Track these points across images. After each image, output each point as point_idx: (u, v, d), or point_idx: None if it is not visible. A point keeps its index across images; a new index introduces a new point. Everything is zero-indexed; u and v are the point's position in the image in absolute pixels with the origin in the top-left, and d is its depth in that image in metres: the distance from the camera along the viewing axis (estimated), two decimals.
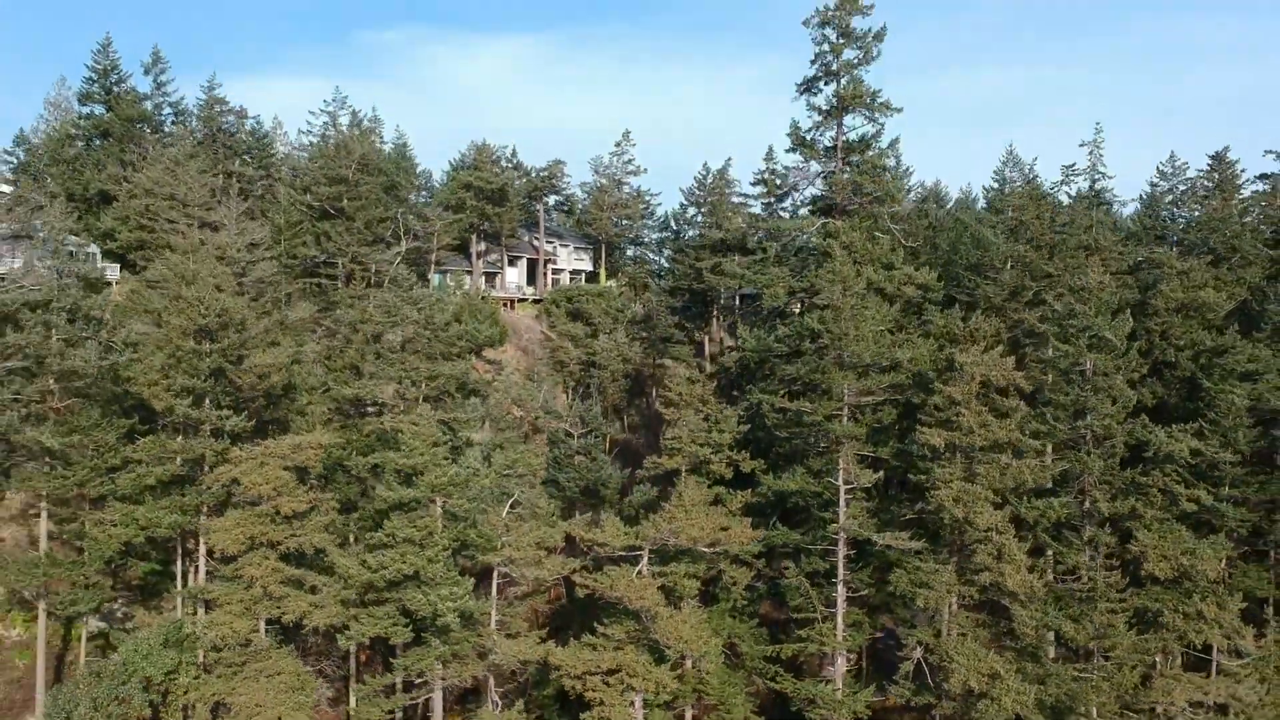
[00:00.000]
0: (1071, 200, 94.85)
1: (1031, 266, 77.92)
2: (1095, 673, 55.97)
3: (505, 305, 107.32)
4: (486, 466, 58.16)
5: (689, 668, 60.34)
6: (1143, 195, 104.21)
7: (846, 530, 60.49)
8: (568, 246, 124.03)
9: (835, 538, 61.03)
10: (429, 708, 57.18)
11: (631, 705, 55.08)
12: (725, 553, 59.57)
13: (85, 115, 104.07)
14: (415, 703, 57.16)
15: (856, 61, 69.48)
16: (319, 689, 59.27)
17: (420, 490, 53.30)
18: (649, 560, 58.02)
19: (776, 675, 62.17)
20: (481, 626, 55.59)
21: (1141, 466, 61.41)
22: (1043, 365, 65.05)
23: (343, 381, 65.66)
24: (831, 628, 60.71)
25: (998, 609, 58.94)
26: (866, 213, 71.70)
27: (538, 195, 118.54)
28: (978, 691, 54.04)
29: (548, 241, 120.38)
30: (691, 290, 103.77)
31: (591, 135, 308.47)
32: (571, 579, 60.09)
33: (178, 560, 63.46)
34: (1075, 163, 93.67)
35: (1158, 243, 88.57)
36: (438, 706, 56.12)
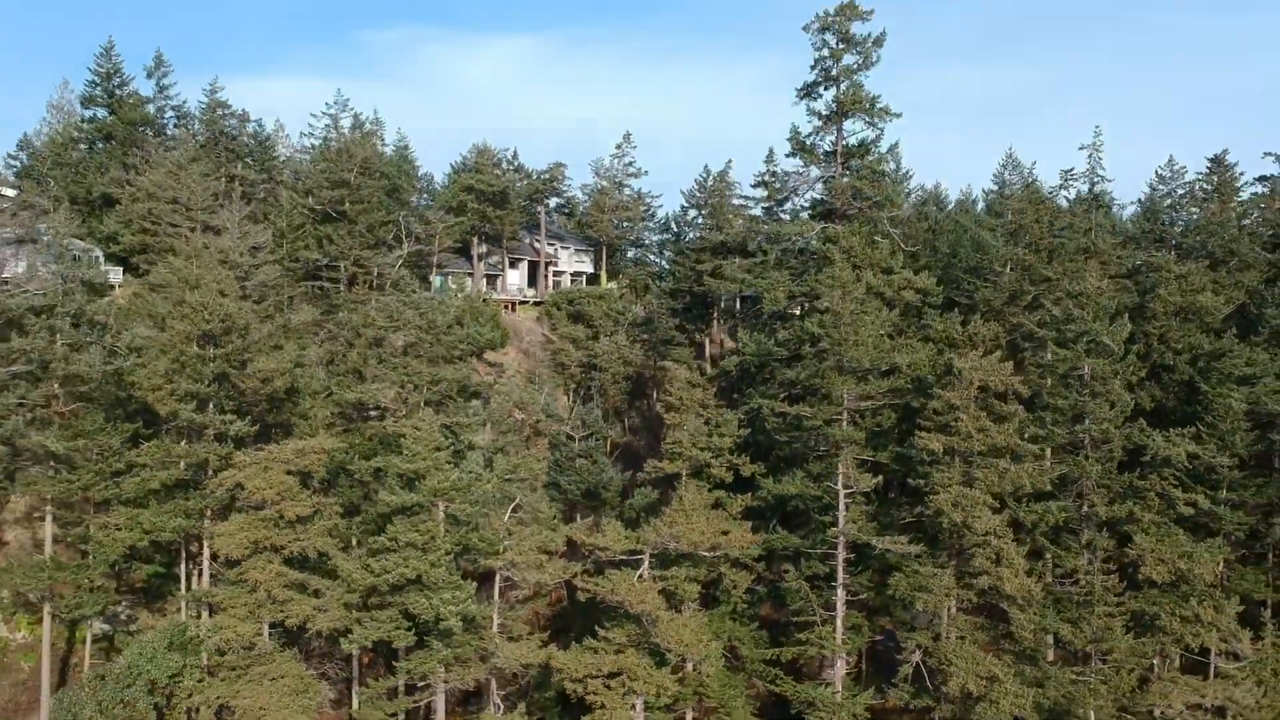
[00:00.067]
0: (1071, 203, 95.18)
1: (1030, 270, 78.18)
2: (1093, 675, 56.27)
3: (506, 307, 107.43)
4: (488, 471, 58.44)
5: (690, 670, 60.61)
6: (1141, 199, 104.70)
7: (846, 534, 60.81)
8: (569, 249, 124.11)
9: (835, 541, 61.33)
10: (431, 710, 57.49)
11: (633, 708, 55.50)
12: (725, 556, 59.81)
13: (88, 118, 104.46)
14: (418, 705, 57.44)
15: (856, 67, 69.62)
16: (322, 691, 59.75)
17: (423, 495, 53.55)
18: (650, 564, 58.38)
19: (776, 678, 62.50)
20: (484, 630, 55.88)
21: (1139, 470, 61.71)
22: (1041, 370, 65.23)
23: (345, 386, 66.02)
24: (831, 631, 61.03)
25: (996, 612, 59.30)
26: (866, 217, 71.78)
27: (539, 198, 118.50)
28: (976, 694, 54.48)
29: (549, 244, 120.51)
30: (692, 292, 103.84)
31: (592, 135, 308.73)
32: (573, 583, 60.40)
33: (181, 563, 63.72)
34: (1074, 167, 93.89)
35: (1156, 246, 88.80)
36: (440, 709, 56.43)
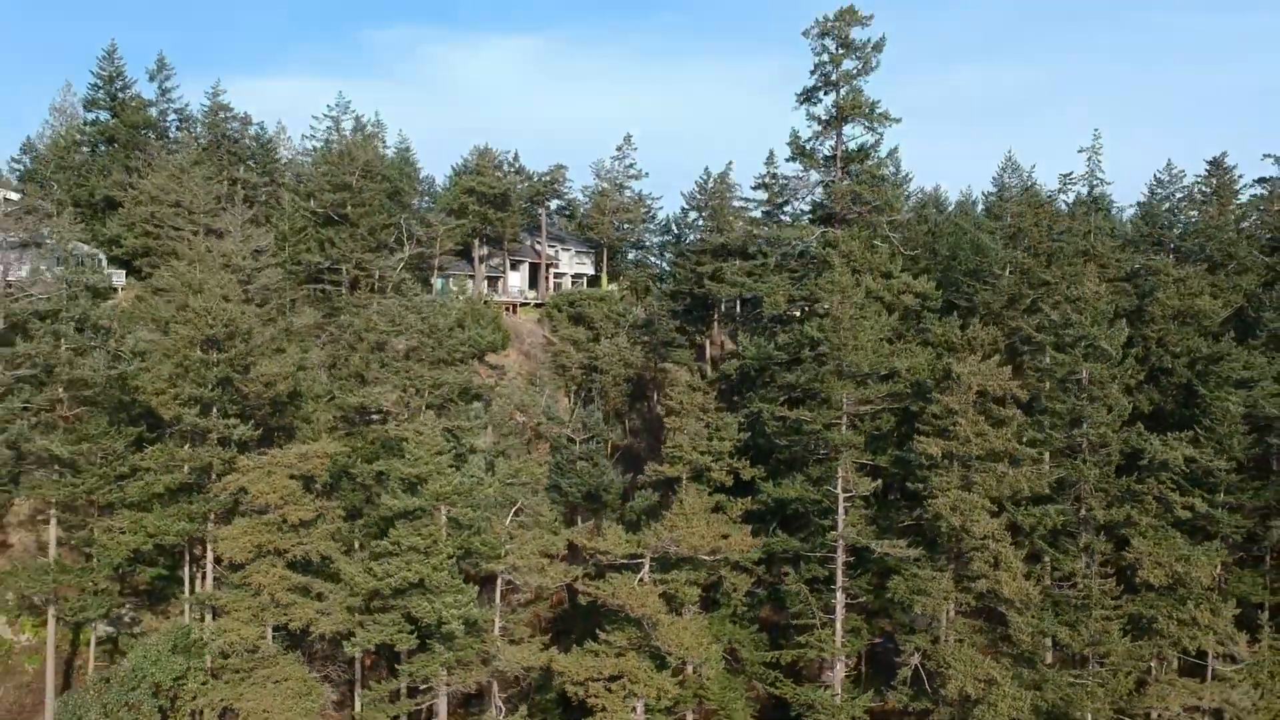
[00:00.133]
0: (1070, 206, 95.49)
1: (1029, 273, 78.49)
2: (1090, 678, 56.62)
3: (507, 309, 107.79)
4: (490, 475, 58.76)
5: (690, 673, 60.89)
6: (1140, 201, 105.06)
7: (845, 538, 61.17)
8: (569, 250, 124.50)
9: (834, 545, 61.70)
10: (433, 713, 57.76)
11: (633, 711, 55.84)
12: (726, 560, 60.17)
13: (91, 121, 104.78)
14: (420, 708, 57.69)
15: (856, 72, 69.88)
16: (324, 694, 60.08)
17: (425, 499, 53.87)
18: (650, 567, 58.77)
19: (776, 680, 62.84)
20: (485, 633, 56.16)
21: (1137, 474, 61.94)
22: (1039, 373, 65.57)
23: (348, 390, 66.35)
24: (830, 634, 61.39)
25: (994, 615, 59.56)
26: (865, 221, 72.11)
27: (540, 200, 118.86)
28: (974, 697, 54.82)
29: (550, 245, 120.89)
30: (692, 294, 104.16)
31: (593, 135, 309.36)
32: (574, 586, 60.76)
33: (185, 565, 64.07)
34: (1072, 171, 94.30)
35: (1155, 250, 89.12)
36: (442, 711, 56.73)
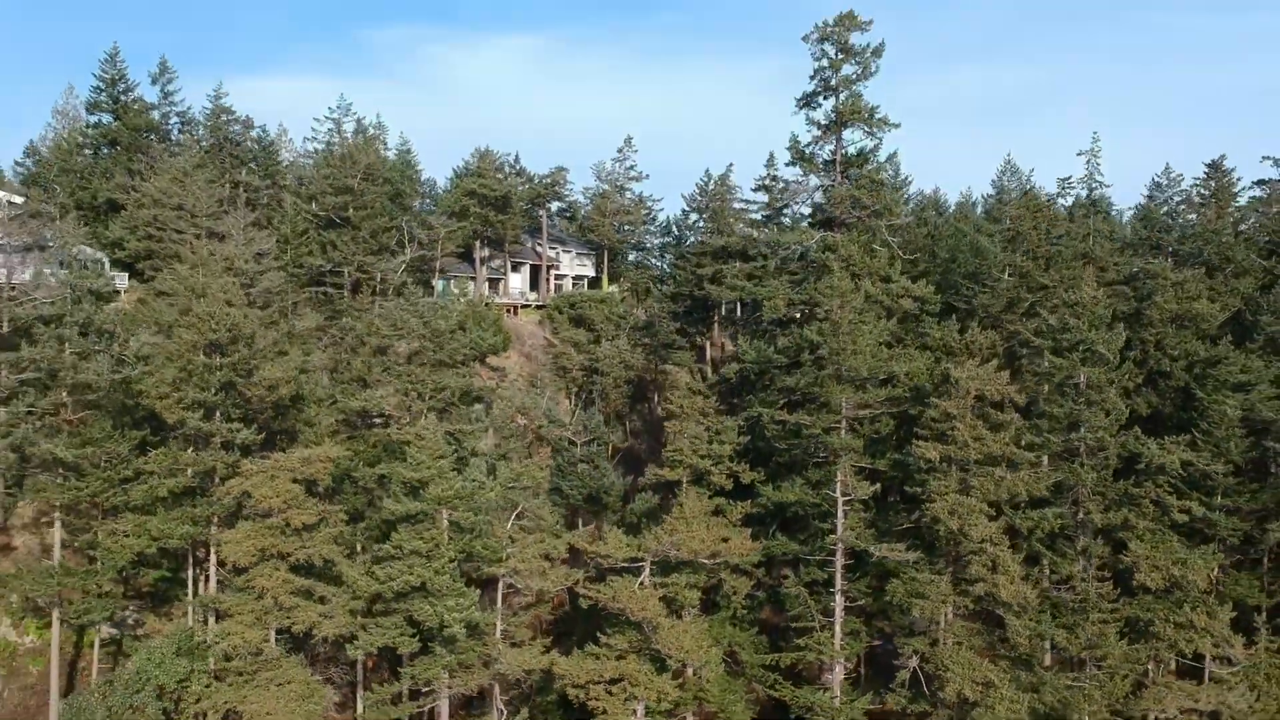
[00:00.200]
0: (1070, 209, 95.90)
1: (1028, 277, 78.82)
2: (1088, 681, 56.98)
3: (508, 311, 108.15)
4: (491, 478, 59.15)
5: (690, 676, 61.26)
6: (1138, 206, 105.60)
7: (844, 541, 61.51)
8: (570, 252, 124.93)
9: (833, 548, 62.03)
10: (435, 715, 58.12)
11: (634, 713, 56.22)
12: (725, 563, 60.57)
13: (93, 124, 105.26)
14: (422, 710, 58.00)
15: (855, 77, 70.08)
16: (326, 696, 60.47)
17: (427, 503, 54.26)
18: (651, 571, 59.17)
19: (776, 683, 63.17)
20: (487, 636, 56.55)
21: (1134, 478, 62.28)
22: (1037, 377, 65.89)
23: (350, 394, 66.75)
24: (830, 636, 61.75)
25: (993, 618, 59.85)
26: (865, 226, 72.42)
27: (541, 202, 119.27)
28: (972, 700, 55.16)
29: (550, 247, 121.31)
30: (693, 296, 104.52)
31: (593, 134, 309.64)
32: (575, 588, 61.18)
33: (188, 568, 64.49)
34: (1071, 175, 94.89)
35: (1153, 254, 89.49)
36: (444, 713, 57.12)
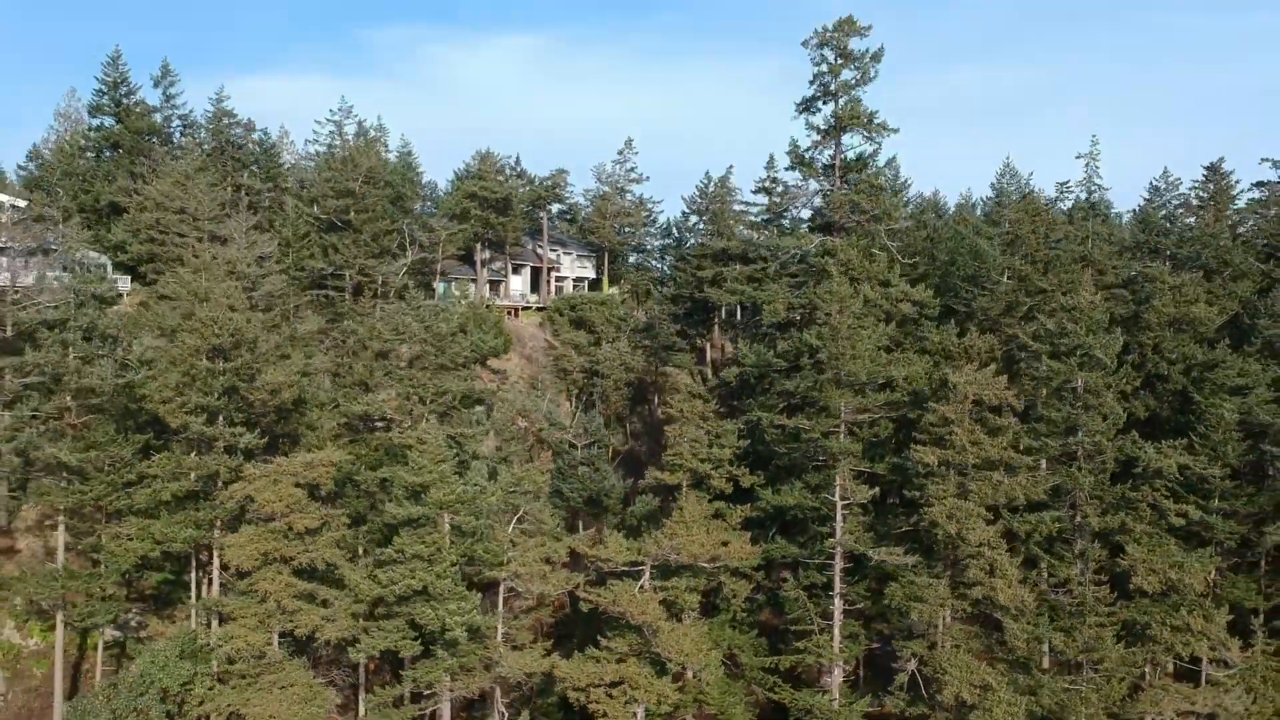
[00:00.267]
0: (1069, 211, 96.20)
1: (1027, 281, 79.10)
2: (1085, 684, 57.28)
3: (509, 313, 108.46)
4: (492, 482, 59.51)
5: (690, 678, 61.71)
6: (1136, 209, 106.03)
7: (843, 545, 61.87)
8: (571, 254, 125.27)
9: (832, 552, 62.41)
10: (437, 718, 58.56)
11: (634, 716, 56.63)
12: (725, 566, 60.98)
13: (95, 127, 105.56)
14: (423, 713, 58.36)
15: (854, 82, 70.24)
16: (329, 698, 60.81)
17: (428, 507, 54.65)
18: (651, 574, 59.56)
19: (775, 686, 63.47)
20: (488, 639, 56.96)
21: (1131, 482, 62.63)
22: (1035, 382, 66.16)
23: (352, 398, 67.13)
24: (829, 639, 62.12)
25: (990, 621, 60.20)
26: (864, 230, 72.74)
27: (541, 204, 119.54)
28: (970, 703, 55.47)
29: (551, 249, 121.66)
30: (693, 298, 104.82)
31: (594, 133, 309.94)
32: (576, 592, 61.56)
33: (191, 571, 64.92)
34: (1069, 180, 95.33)
35: (1152, 257, 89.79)
36: (446, 716, 57.49)
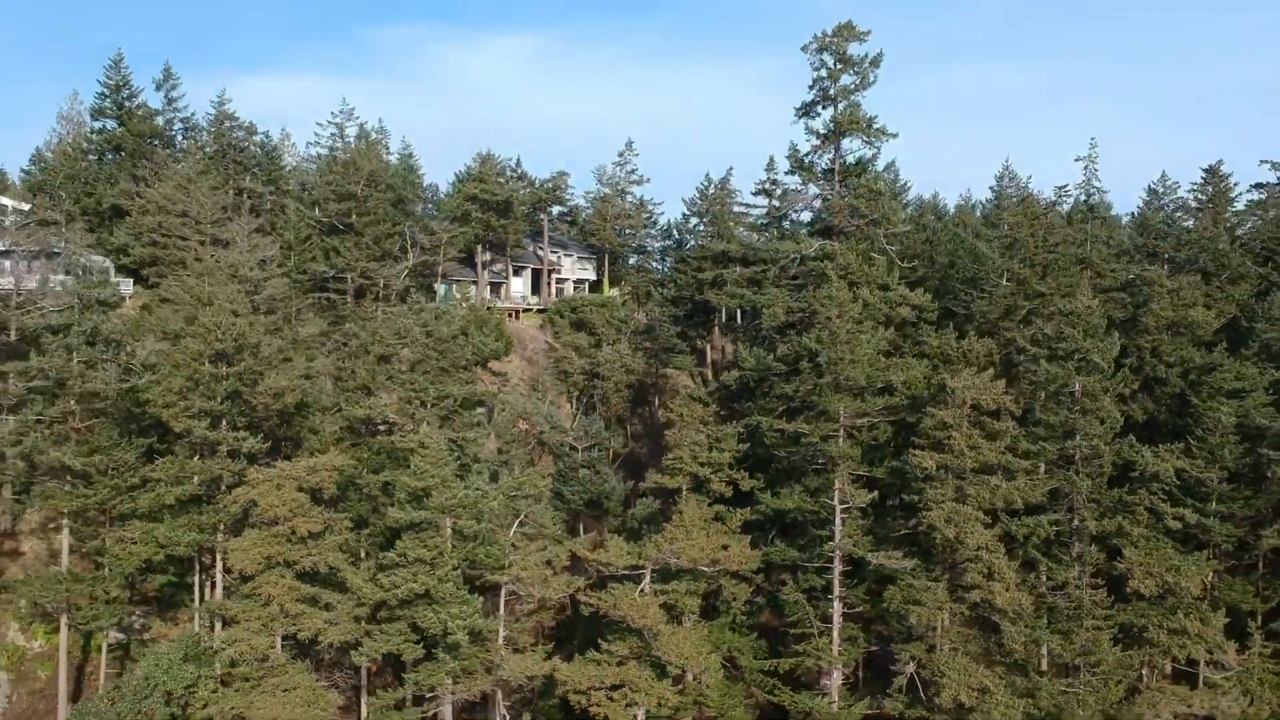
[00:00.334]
0: (1068, 213, 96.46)
1: (1025, 284, 79.36)
2: (1082, 687, 57.73)
3: (510, 315, 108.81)
4: (494, 486, 59.89)
5: (690, 681, 62.09)
6: (1134, 213, 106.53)
7: (842, 548, 62.26)
8: (571, 256, 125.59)
9: (831, 555, 62.81)
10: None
11: (635, 719, 57.05)
12: (725, 570, 61.36)
13: (97, 130, 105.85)
14: (426, 715, 58.79)
15: (854, 87, 70.28)
16: (331, 700, 61.20)
17: (430, 511, 55.05)
18: (651, 578, 59.96)
19: (775, 688, 63.82)
20: (489, 642, 57.38)
21: (1128, 485, 63.03)
22: (1034, 385, 66.45)
23: (354, 402, 67.52)
24: (828, 642, 62.50)
25: (989, 624, 60.54)
26: (863, 234, 73.01)
27: (542, 206, 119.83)
28: (968, 705, 55.89)
29: (552, 251, 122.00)
30: (693, 300, 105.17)
31: (595, 132, 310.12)
32: (576, 595, 61.95)
33: (194, 573, 65.34)
34: (1068, 184, 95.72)
35: (1150, 260, 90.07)
36: (447, 718, 58.00)
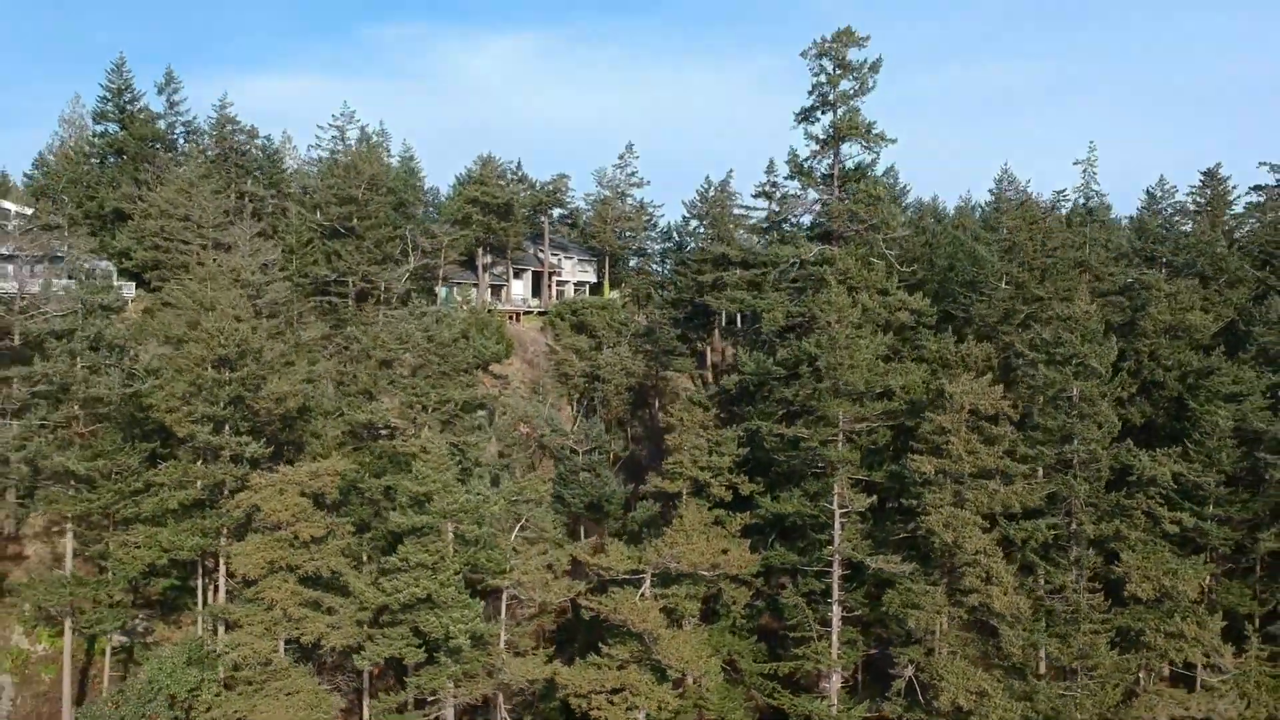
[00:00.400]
0: (1067, 215, 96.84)
1: (1024, 288, 79.73)
2: (1079, 690, 58.05)
3: (511, 318, 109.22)
4: (495, 490, 60.20)
5: (690, 684, 62.42)
6: (1132, 216, 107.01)
7: (841, 552, 62.60)
8: (572, 259, 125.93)
9: (830, 559, 63.16)
10: None
11: None
12: (725, 574, 61.70)
13: (100, 133, 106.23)
14: (427, 719, 59.38)
15: (853, 92, 70.56)
16: (333, 703, 61.59)
17: (432, 516, 55.36)
18: (651, 582, 60.32)
19: (774, 691, 64.11)
20: (491, 646, 57.73)
21: (1126, 489, 63.34)
22: (1032, 390, 66.77)
23: (356, 406, 67.88)
24: (827, 646, 62.82)
25: (987, 628, 60.82)
26: (862, 239, 73.32)
27: (542, 208, 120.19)
28: (967, 709, 56.20)
29: (552, 254, 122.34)
30: (693, 302, 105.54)
31: (595, 131, 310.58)
32: (577, 599, 62.29)
33: (197, 577, 65.69)
34: (1066, 188, 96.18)
35: (1148, 264, 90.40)
36: None
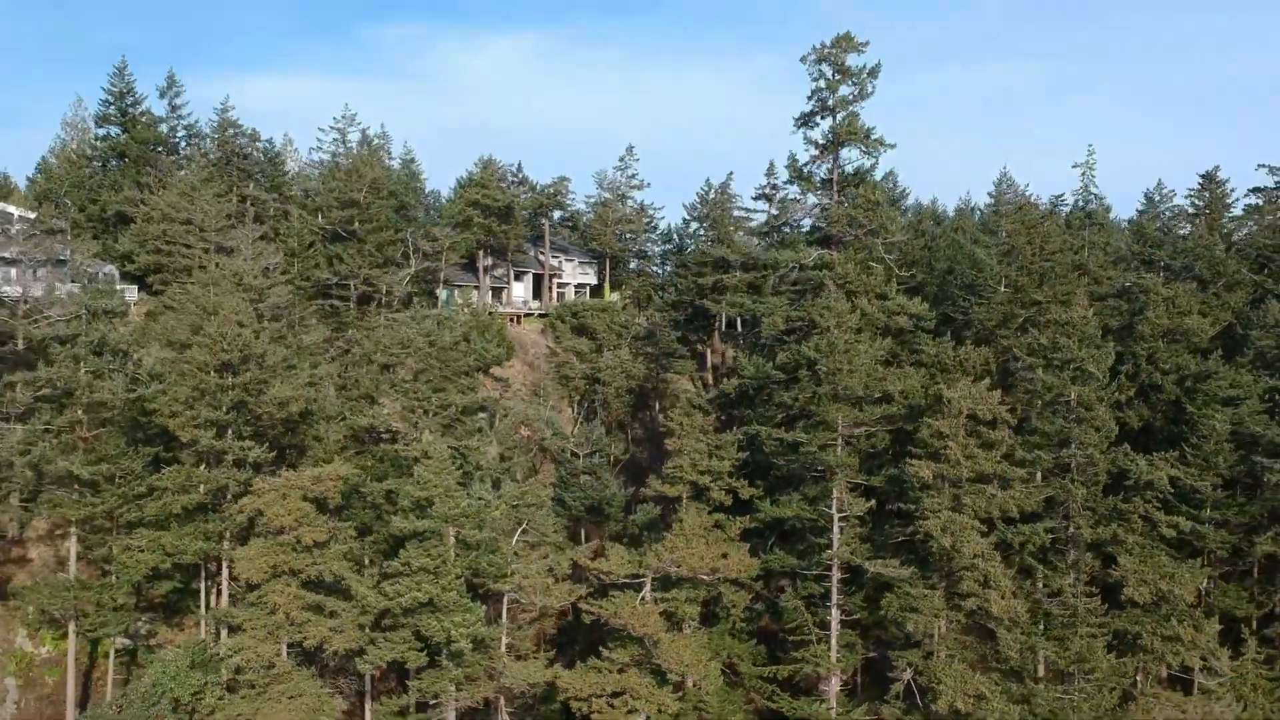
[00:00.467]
0: (1066, 217, 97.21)
1: (1022, 292, 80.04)
2: (1077, 693, 58.44)
3: (511, 320, 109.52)
4: (496, 495, 60.60)
5: (690, 687, 62.81)
6: (1131, 220, 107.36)
7: (840, 556, 62.96)
8: (573, 261, 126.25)
9: (829, 563, 63.54)
10: None
11: None
12: (724, 578, 62.07)
13: (102, 137, 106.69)
14: None
15: (852, 98, 70.66)
16: (335, 706, 61.98)
17: (434, 520, 55.77)
18: (651, 586, 60.71)
19: (774, 694, 64.41)
20: (492, 649, 58.19)
21: (1123, 493, 63.65)
22: (1030, 394, 67.07)
23: (358, 411, 68.29)
24: (826, 649, 63.19)
25: (985, 632, 61.18)
26: (861, 243, 73.61)
27: (543, 211, 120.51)
28: (965, 712, 56.59)
29: (553, 256, 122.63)
30: (694, 305, 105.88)
31: (595, 131, 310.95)
32: (578, 603, 62.68)
33: (201, 580, 66.15)
34: (1064, 192, 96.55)
35: (1146, 268, 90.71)
36: None
